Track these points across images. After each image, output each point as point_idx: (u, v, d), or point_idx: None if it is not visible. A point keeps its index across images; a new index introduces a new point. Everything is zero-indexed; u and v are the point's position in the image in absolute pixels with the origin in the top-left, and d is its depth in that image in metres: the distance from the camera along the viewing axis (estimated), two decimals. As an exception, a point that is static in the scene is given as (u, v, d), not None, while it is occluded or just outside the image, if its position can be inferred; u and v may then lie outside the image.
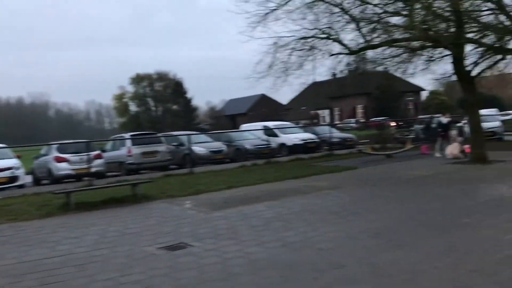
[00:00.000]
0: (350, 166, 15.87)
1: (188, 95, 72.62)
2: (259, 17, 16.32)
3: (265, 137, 22.95)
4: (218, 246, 6.57)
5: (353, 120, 55.79)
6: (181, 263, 5.87)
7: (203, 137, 23.54)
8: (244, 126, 29.11)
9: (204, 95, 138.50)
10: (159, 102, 73.77)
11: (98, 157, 17.68)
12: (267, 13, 16.28)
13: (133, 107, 75.72)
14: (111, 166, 18.81)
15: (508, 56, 16.57)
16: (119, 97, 75.92)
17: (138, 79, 73.77)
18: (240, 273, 5.37)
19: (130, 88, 74.70)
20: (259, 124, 27.40)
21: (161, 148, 19.67)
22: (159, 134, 23.63)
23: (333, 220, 7.82)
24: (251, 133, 24.42)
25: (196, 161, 19.46)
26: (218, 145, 22.07)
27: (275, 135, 24.59)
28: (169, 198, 11.00)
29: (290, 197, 10.38)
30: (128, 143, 19.33)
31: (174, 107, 72.83)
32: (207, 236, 7.19)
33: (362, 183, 12.22)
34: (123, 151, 19.27)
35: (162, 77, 73.66)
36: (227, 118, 72.45)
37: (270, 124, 27.06)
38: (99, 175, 16.91)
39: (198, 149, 20.39)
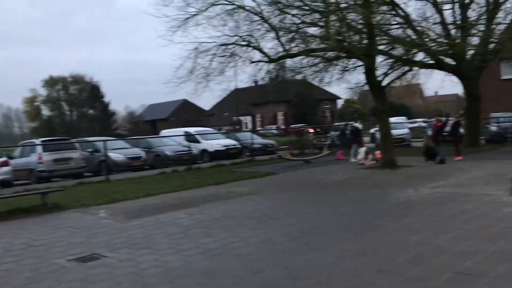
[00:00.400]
0: (271, 172, 16.15)
1: (106, 99, 70.26)
2: (179, 21, 16.25)
3: (186, 143, 22.69)
4: (133, 256, 6.36)
5: (274, 126, 56.97)
6: (93, 275, 5.60)
7: (120, 143, 22.82)
8: (164, 132, 28.63)
9: (123, 100, 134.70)
10: (74, 106, 70.48)
11: (5, 164, 16.63)
12: (187, 18, 16.24)
13: (45, 111, 71.74)
14: (19, 174, 17.71)
15: (415, 68, 17.81)
16: (30, 101, 71.52)
17: (51, 82, 69.97)
18: (156, 283, 5.22)
19: (43, 91, 70.76)
20: (180, 130, 27.05)
21: (75, 154, 18.81)
22: (73, 140, 22.58)
23: (253, 225, 7.87)
24: (171, 139, 24.03)
25: (113, 168, 18.86)
26: (137, 151, 21.53)
27: (197, 141, 24.41)
28: (83, 207, 10.52)
29: (210, 204, 10.33)
30: (39, 149, 18.30)
31: (90, 111, 70.05)
32: (122, 246, 6.93)
33: (282, 188, 12.47)
34: (33, 158, 18.18)
35: (77, 80, 70.44)
36: (147, 123, 70.94)
37: (192, 130, 26.84)
38: (5, 183, 15.97)
39: (115, 155, 19.72)
